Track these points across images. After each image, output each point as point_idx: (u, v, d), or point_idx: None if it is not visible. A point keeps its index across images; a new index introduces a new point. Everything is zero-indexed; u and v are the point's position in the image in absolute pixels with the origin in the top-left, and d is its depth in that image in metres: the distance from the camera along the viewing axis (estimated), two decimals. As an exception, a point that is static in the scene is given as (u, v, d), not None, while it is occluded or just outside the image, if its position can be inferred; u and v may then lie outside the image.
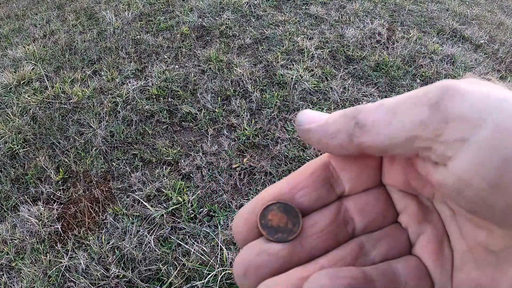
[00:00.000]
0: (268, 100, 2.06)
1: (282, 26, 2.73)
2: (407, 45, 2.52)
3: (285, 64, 2.34)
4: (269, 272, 0.19)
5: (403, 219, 0.21)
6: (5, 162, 1.86)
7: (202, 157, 1.77)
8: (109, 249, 1.43)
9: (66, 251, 1.45)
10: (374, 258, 0.20)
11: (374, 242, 0.21)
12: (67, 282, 1.36)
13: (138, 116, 2.03)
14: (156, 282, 1.33)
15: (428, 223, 0.21)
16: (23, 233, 1.53)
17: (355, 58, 2.40)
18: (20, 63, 2.61)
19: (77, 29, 2.99)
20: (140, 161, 1.79)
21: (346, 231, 0.21)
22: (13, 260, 1.45)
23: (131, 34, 2.78)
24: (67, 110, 2.14)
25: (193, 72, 2.32)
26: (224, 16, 2.88)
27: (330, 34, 2.62)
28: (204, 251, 1.39)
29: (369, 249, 0.20)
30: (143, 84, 2.26)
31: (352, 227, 0.21)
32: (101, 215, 1.58)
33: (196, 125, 1.96)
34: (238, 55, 2.45)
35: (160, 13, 3.05)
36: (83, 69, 2.48)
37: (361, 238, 0.21)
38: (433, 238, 0.20)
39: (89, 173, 1.76)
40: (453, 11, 3.26)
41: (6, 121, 2.09)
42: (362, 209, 0.21)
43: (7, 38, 3.05)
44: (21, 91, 2.33)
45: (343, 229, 0.21)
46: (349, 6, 3.02)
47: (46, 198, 1.68)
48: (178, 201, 1.58)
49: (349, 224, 0.21)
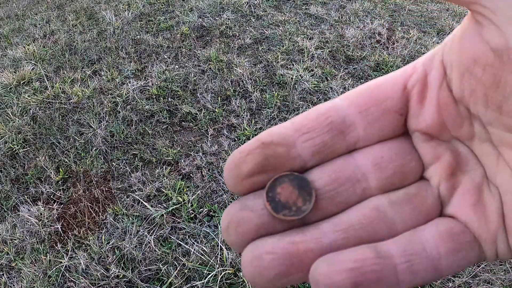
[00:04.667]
0: (268, 100, 2.06)
1: (282, 26, 2.73)
2: (407, 45, 2.52)
3: (285, 64, 2.34)
4: (253, 229, 0.17)
5: (432, 173, 0.18)
6: (5, 162, 1.86)
7: (202, 157, 1.77)
8: (109, 249, 1.44)
9: (66, 251, 1.45)
10: (395, 225, 0.17)
11: (393, 205, 0.17)
12: (67, 282, 1.36)
13: (138, 116, 2.04)
14: (156, 282, 1.33)
15: (464, 174, 0.17)
16: (23, 233, 1.53)
17: (355, 58, 2.40)
18: (20, 63, 2.61)
19: (77, 29, 3.00)
20: (140, 161, 1.79)
21: (356, 192, 0.17)
22: (13, 260, 1.45)
23: (131, 34, 2.78)
24: (67, 110, 2.14)
25: (193, 72, 2.32)
26: (224, 16, 2.88)
27: (330, 34, 2.62)
28: (204, 251, 1.39)
29: (387, 214, 0.17)
30: (143, 84, 2.26)
31: (363, 186, 0.17)
32: (101, 215, 1.58)
33: (196, 125, 1.96)
34: (238, 55, 2.45)
35: (160, 13, 3.05)
36: (83, 69, 2.48)
37: (377, 199, 0.17)
38: (471, 189, 0.17)
39: (89, 173, 1.77)
40: (453, 11, 3.26)
41: (6, 121, 2.09)
42: (378, 163, 0.17)
43: (7, 38, 3.05)
44: (21, 91, 2.33)
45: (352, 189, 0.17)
46: (349, 6, 3.02)
47: (46, 198, 1.68)
48: (178, 201, 1.58)
49: (361, 182, 0.17)
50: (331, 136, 0.17)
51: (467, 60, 0.15)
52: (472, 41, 0.15)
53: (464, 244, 0.16)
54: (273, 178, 0.17)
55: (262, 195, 0.17)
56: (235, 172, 0.17)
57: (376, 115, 0.18)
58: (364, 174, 0.17)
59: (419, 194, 0.17)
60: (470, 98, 0.16)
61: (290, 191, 0.17)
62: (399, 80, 0.18)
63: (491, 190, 0.17)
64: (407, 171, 0.18)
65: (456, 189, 0.17)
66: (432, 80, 0.17)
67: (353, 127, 0.18)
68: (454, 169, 0.17)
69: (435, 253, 0.16)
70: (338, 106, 0.18)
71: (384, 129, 0.18)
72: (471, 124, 0.17)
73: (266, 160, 0.17)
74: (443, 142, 0.18)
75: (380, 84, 0.18)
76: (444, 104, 0.17)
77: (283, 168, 0.17)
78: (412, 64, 0.18)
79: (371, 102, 0.18)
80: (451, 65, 0.16)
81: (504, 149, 0.16)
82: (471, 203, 0.17)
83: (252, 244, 0.16)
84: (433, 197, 0.17)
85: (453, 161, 0.17)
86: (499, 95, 0.15)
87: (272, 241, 0.16)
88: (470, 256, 0.16)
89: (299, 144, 0.17)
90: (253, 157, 0.17)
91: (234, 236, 0.17)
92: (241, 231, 0.17)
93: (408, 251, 0.16)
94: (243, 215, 0.17)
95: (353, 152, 0.18)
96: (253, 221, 0.17)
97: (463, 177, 0.17)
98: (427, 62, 0.18)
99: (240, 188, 0.17)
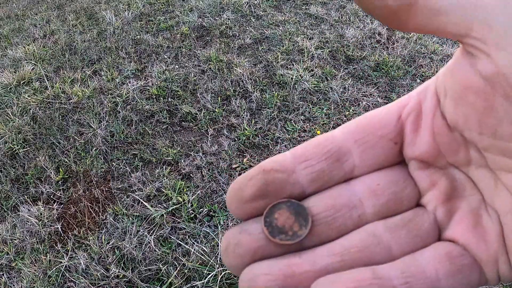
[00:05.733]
0: (268, 100, 2.06)
1: (282, 26, 2.73)
2: (407, 45, 2.52)
3: (285, 64, 2.34)
4: (250, 252, 0.17)
5: (429, 199, 0.18)
6: (5, 162, 1.86)
7: (202, 157, 1.77)
8: (109, 249, 1.44)
9: (66, 251, 1.45)
10: (392, 250, 0.17)
11: (389, 230, 0.17)
12: (67, 282, 1.36)
13: (138, 116, 2.04)
14: (156, 282, 1.33)
15: (461, 199, 0.18)
16: (23, 233, 1.53)
17: (355, 58, 2.40)
18: (20, 63, 2.61)
19: (77, 29, 3.00)
20: (140, 161, 1.79)
21: (352, 218, 0.18)
22: (13, 260, 1.45)
23: (131, 34, 2.78)
24: (67, 110, 2.14)
25: (193, 72, 2.32)
26: (224, 16, 2.88)
27: (330, 34, 2.62)
28: (204, 251, 1.39)
29: (383, 239, 0.17)
30: (143, 84, 2.26)
31: (359, 212, 0.18)
32: (101, 215, 1.58)
33: (196, 125, 1.96)
34: (238, 55, 2.45)
35: (160, 13, 3.05)
36: (83, 69, 2.48)
37: (373, 225, 0.18)
38: (469, 213, 0.17)
39: (89, 173, 1.77)
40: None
41: (6, 121, 2.09)
42: (374, 190, 0.18)
43: (7, 38, 3.05)
44: (21, 91, 2.33)
45: (348, 215, 0.18)
46: (349, 6, 3.01)
47: (46, 198, 1.68)
48: (178, 201, 1.58)
49: (357, 208, 0.18)
50: (328, 163, 0.18)
51: (460, 88, 0.16)
52: (464, 71, 0.16)
53: (464, 267, 0.16)
54: (271, 204, 0.18)
55: (260, 220, 0.18)
56: (237, 196, 0.18)
57: (370, 143, 0.18)
58: (360, 200, 0.18)
59: (415, 220, 0.18)
60: (465, 124, 0.16)
61: (287, 216, 0.18)
62: (394, 109, 0.19)
63: (489, 213, 0.17)
64: (402, 198, 0.18)
65: (453, 214, 0.18)
66: (426, 109, 0.18)
67: (349, 155, 0.18)
68: (450, 195, 0.18)
69: (434, 275, 0.16)
70: (336, 136, 0.18)
71: (379, 157, 0.18)
72: (467, 150, 0.17)
73: (266, 186, 0.18)
74: (439, 170, 0.18)
75: (376, 114, 0.19)
76: (439, 131, 0.17)
77: (282, 194, 0.18)
78: (407, 95, 0.19)
79: (366, 131, 0.18)
80: (445, 93, 0.17)
81: (501, 173, 0.16)
82: (470, 227, 0.17)
83: (249, 267, 0.17)
84: (430, 222, 0.18)
85: (449, 187, 0.18)
86: (493, 120, 0.15)
87: (269, 263, 0.17)
88: (470, 278, 0.16)
89: (298, 171, 0.18)
90: (254, 182, 0.18)
91: (232, 258, 0.17)
92: (239, 253, 0.17)
93: (406, 273, 0.16)
94: (241, 238, 0.17)
95: (350, 180, 0.18)
96: (251, 244, 0.17)
97: (460, 203, 0.18)
98: (421, 92, 0.19)
99: (241, 212, 0.18)
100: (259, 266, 0.17)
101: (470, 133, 0.16)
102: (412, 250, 0.17)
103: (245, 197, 0.18)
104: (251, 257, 0.17)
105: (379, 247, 0.17)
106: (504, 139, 0.15)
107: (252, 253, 0.17)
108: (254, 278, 0.16)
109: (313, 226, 0.18)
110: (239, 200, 0.18)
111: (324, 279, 0.16)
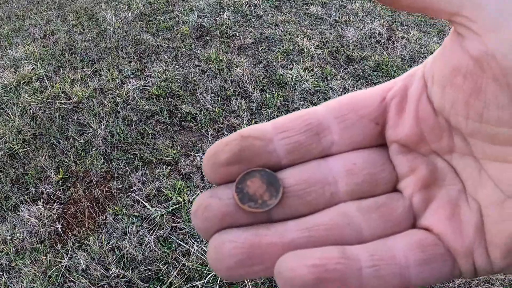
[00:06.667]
0: (268, 100, 2.06)
1: (282, 26, 2.73)
2: (407, 45, 2.52)
3: (285, 64, 2.34)
4: (218, 216, 0.17)
5: (406, 185, 0.18)
6: (5, 162, 1.86)
7: (202, 157, 1.77)
8: (109, 249, 1.44)
9: (66, 251, 1.45)
10: (362, 232, 0.17)
11: (361, 211, 0.17)
12: (67, 282, 1.36)
13: (138, 116, 2.04)
14: (156, 282, 1.33)
15: (439, 188, 0.17)
16: (23, 233, 1.53)
17: (355, 58, 2.40)
18: (20, 63, 2.61)
19: (77, 29, 3.00)
20: (140, 161, 1.79)
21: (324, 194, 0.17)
22: (13, 260, 1.45)
23: (131, 34, 2.78)
24: (67, 110, 2.14)
25: (193, 72, 2.32)
26: (224, 16, 2.88)
27: (330, 34, 2.62)
28: (204, 251, 1.39)
29: (354, 220, 0.17)
30: (143, 84, 2.26)
31: (332, 190, 0.17)
32: (101, 215, 1.58)
33: (196, 125, 1.97)
34: (238, 55, 2.45)
35: (160, 13, 3.05)
36: (83, 69, 2.48)
37: (345, 205, 0.17)
38: (446, 203, 0.17)
39: (89, 173, 1.77)
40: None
41: (6, 121, 2.09)
42: (349, 169, 0.18)
43: (7, 38, 3.05)
44: (21, 91, 2.33)
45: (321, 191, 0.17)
46: (349, 6, 3.02)
47: (46, 198, 1.68)
48: (178, 201, 1.58)
49: (330, 185, 0.17)
50: (306, 136, 0.18)
51: (448, 70, 0.16)
52: (452, 52, 0.16)
53: (436, 256, 0.16)
54: (245, 171, 0.18)
55: (232, 187, 0.18)
56: (212, 160, 0.18)
57: (351, 122, 0.18)
58: (334, 178, 0.18)
59: (389, 204, 0.17)
60: (451, 109, 0.16)
61: (259, 185, 0.18)
62: (379, 91, 0.19)
63: (469, 204, 0.16)
64: (378, 180, 0.18)
65: (430, 202, 0.17)
66: (412, 93, 0.18)
67: (328, 131, 0.18)
68: (429, 182, 0.17)
69: (404, 262, 0.16)
70: (317, 111, 0.18)
71: (359, 136, 0.18)
72: (451, 137, 0.17)
73: (242, 151, 0.18)
74: (420, 156, 0.18)
75: (360, 94, 0.19)
76: (423, 115, 0.17)
77: (258, 161, 0.18)
78: (392, 80, 0.19)
79: (348, 109, 0.18)
80: (432, 77, 0.17)
81: (486, 162, 0.16)
82: (446, 216, 0.17)
83: (217, 234, 0.17)
84: (404, 207, 0.17)
85: (429, 174, 0.17)
86: (481, 102, 0.15)
87: (236, 231, 0.17)
88: (442, 268, 0.16)
89: (276, 141, 0.18)
90: (231, 148, 0.18)
91: (200, 221, 0.17)
92: (207, 216, 0.17)
93: (375, 256, 0.16)
94: (210, 202, 0.17)
95: (328, 157, 0.18)
96: (220, 208, 0.17)
97: (439, 191, 0.17)
98: (407, 77, 0.19)
99: (215, 177, 0.18)
100: (226, 233, 0.17)
101: (456, 118, 0.16)
102: (384, 235, 0.17)
103: (220, 161, 0.18)
104: (219, 221, 0.17)
105: (349, 228, 0.17)
106: (490, 123, 0.15)
107: (220, 218, 0.17)
108: (220, 245, 0.16)
109: (284, 198, 0.17)
110: (214, 164, 0.18)
111: (292, 253, 0.16)
